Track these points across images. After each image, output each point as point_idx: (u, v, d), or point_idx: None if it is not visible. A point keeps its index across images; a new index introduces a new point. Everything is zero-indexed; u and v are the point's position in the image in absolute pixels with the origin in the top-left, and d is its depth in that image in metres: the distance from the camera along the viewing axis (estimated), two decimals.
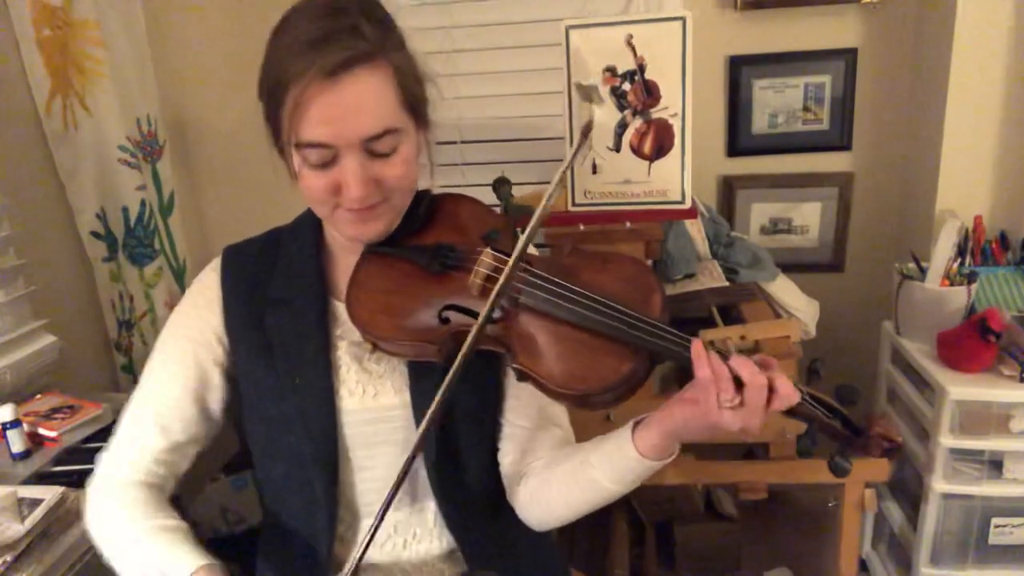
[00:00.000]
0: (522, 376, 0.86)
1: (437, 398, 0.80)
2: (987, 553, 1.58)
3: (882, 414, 1.56)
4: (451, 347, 0.87)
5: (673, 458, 0.86)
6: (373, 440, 0.94)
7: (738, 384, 0.76)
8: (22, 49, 1.64)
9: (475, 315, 0.86)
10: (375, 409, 0.94)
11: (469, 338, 0.81)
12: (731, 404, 0.75)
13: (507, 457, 0.98)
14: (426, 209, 0.96)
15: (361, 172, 0.82)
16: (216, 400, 0.97)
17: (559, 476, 0.92)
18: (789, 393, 0.76)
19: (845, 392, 0.83)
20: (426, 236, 0.94)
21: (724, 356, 0.78)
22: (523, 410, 0.97)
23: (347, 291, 0.91)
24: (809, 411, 0.80)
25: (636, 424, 0.87)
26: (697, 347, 0.78)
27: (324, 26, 0.79)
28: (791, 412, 0.79)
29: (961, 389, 1.49)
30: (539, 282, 0.85)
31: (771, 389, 0.76)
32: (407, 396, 0.93)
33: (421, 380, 0.92)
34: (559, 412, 1.00)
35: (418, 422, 0.92)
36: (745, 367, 0.76)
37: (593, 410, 0.86)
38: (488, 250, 0.89)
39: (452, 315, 0.88)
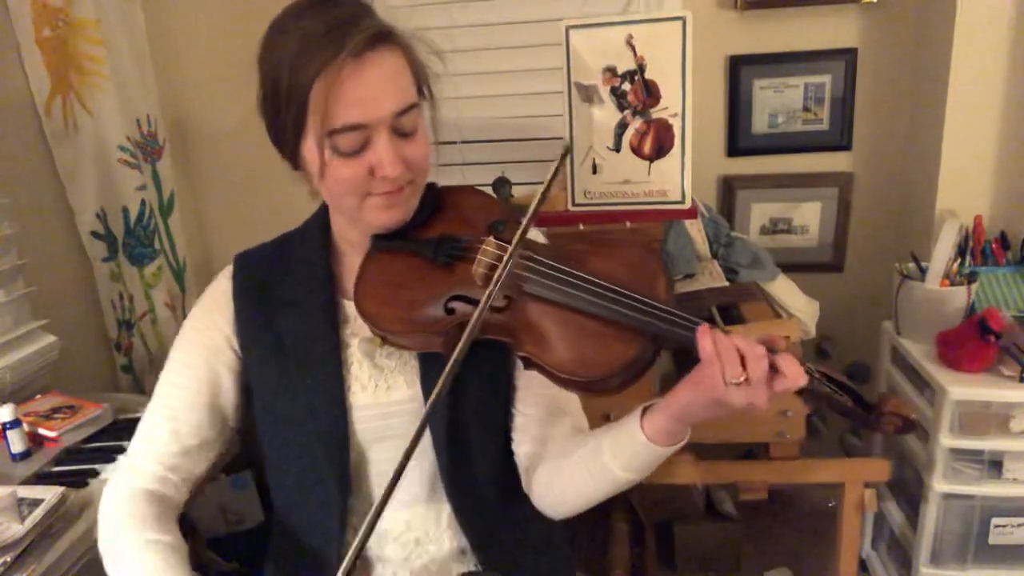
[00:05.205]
0: (528, 364, 0.86)
1: (442, 378, 0.80)
2: (987, 553, 1.58)
3: (893, 393, 1.53)
4: (457, 337, 0.87)
5: (683, 444, 0.86)
6: (385, 435, 0.95)
7: (742, 361, 0.76)
8: (22, 49, 1.64)
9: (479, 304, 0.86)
10: (387, 404, 0.95)
11: (471, 322, 0.81)
12: (737, 380, 0.75)
13: (521, 447, 0.99)
14: (432, 202, 0.96)
15: (394, 151, 0.84)
16: (228, 405, 0.98)
17: (572, 463, 0.92)
18: (796, 374, 0.76)
19: (856, 370, 0.82)
20: (432, 229, 0.94)
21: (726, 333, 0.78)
22: (533, 399, 0.98)
23: (355, 286, 0.92)
24: (820, 390, 0.80)
25: (645, 410, 0.87)
26: (702, 328, 0.78)
27: (328, 18, 0.81)
28: (803, 392, 0.79)
29: (961, 389, 1.49)
30: (543, 269, 0.86)
31: (777, 370, 0.76)
32: (418, 389, 0.94)
33: (432, 373, 0.93)
34: (570, 400, 1.01)
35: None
36: (746, 343, 0.76)
37: (600, 395, 0.87)
38: (491, 239, 0.90)
39: (457, 305, 0.88)
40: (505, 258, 0.83)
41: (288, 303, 0.96)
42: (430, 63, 0.91)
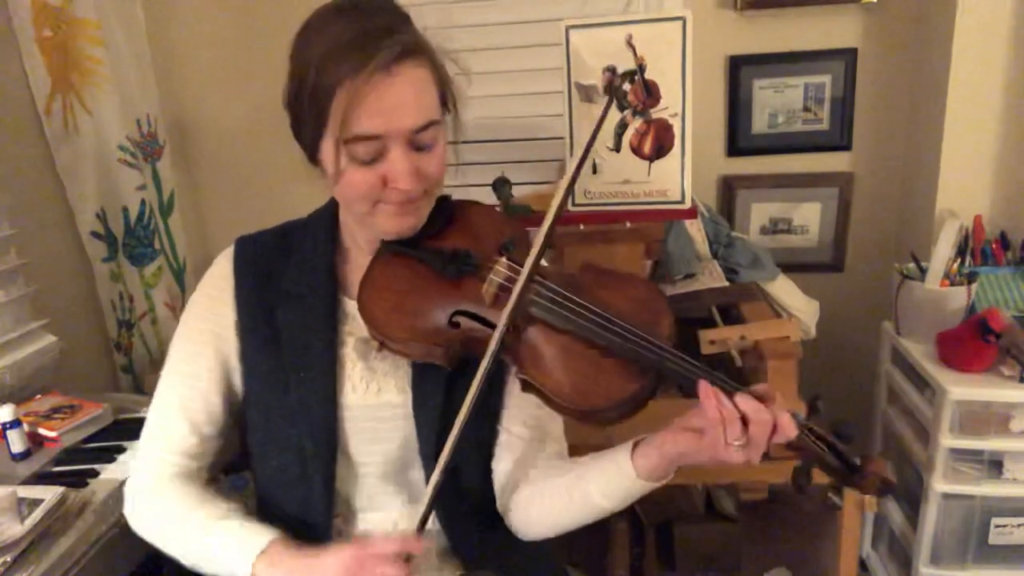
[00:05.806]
0: (527, 387, 0.86)
1: (464, 410, 0.81)
2: (987, 553, 1.58)
3: (879, 454, 1.56)
4: (458, 351, 0.88)
5: (668, 479, 0.87)
6: (373, 436, 0.95)
7: (743, 421, 0.77)
8: (22, 49, 1.64)
9: (485, 322, 0.87)
10: (377, 406, 0.94)
11: (488, 354, 0.82)
12: (739, 442, 0.77)
13: (500, 465, 0.98)
14: (444, 214, 0.97)
15: (408, 164, 0.84)
16: (239, 390, 0.98)
17: (552, 489, 0.92)
18: (787, 426, 0.78)
19: (843, 429, 0.84)
20: (443, 240, 0.94)
21: (727, 391, 0.79)
22: (520, 420, 0.98)
23: (360, 287, 0.92)
24: (808, 445, 0.81)
25: (636, 444, 0.87)
26: (705, 388, 0.79)
27: (362, 26, 0.81)
28: (790, 445, 0.81)
29: (961, 389, 1.49)
30: (552, 295, 0.86)
31: (772, 424, 0.78)
32: (409, 395, 0.94)
33: (424, 380, 0.93)
34: (556, 425, 1.01)
35: (418, 421, 0.94)
36: (748, 404, 0.77)
37: (593, 426, 0.87)
38: (503, 259, 0.90)
39: (463, 320, 0.89)
40: (519, 284, 0.84)
41: (289, 295, 0.96)
42: (454, 63, 0.92)
